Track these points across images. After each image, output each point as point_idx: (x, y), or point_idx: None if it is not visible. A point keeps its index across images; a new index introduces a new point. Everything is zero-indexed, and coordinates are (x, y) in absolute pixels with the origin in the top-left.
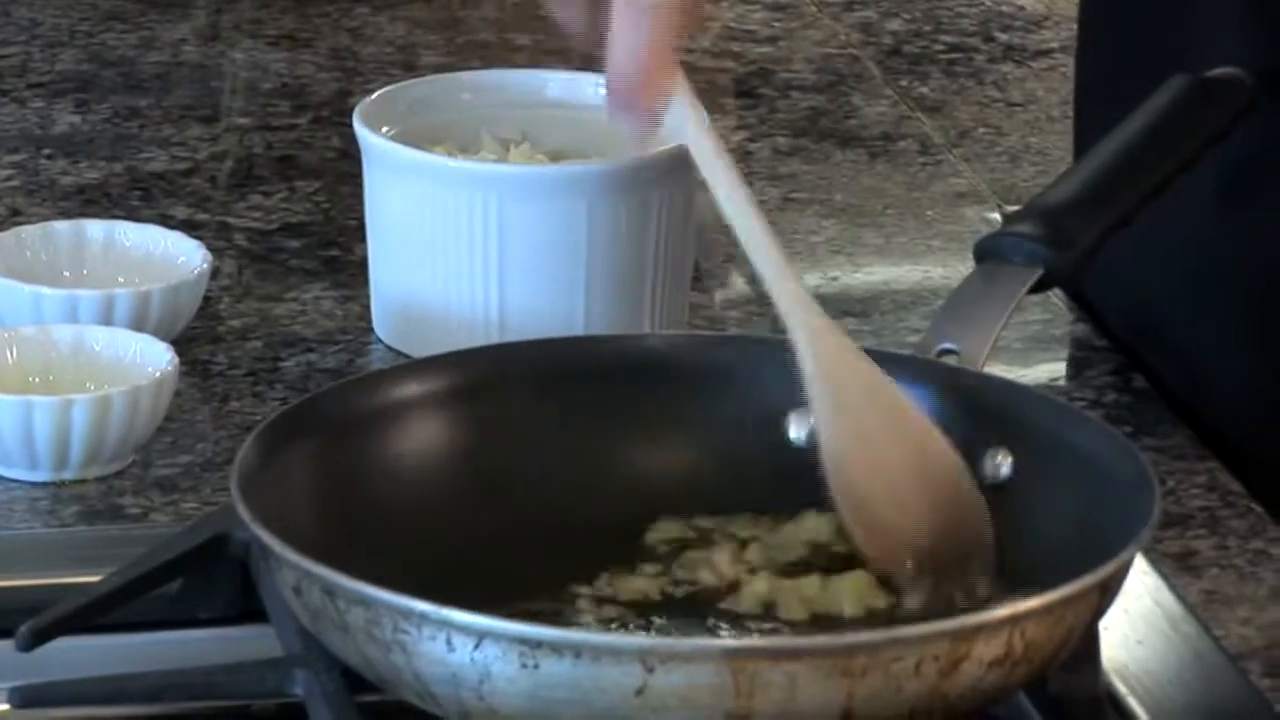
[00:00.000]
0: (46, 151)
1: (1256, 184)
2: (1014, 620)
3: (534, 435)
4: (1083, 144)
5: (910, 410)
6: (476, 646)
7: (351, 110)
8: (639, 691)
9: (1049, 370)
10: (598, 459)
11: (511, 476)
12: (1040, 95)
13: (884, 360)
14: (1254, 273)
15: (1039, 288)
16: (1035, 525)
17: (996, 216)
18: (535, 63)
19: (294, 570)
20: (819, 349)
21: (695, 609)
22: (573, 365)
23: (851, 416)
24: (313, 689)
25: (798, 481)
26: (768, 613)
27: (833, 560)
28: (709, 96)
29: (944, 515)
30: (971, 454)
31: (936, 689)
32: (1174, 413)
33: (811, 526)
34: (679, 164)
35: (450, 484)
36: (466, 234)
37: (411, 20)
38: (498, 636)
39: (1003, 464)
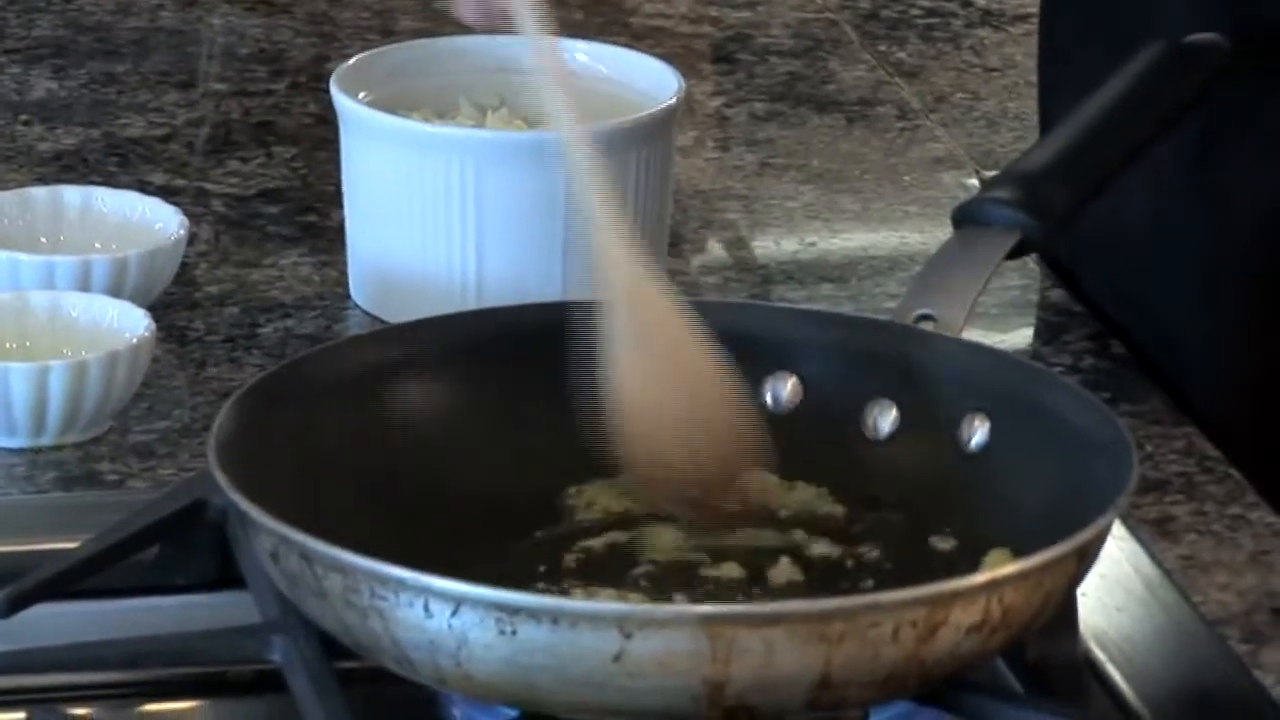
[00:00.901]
0: (23, 117)
1: (1232, 147)
2: (992, 586)
3: (513, 400)
4: (1046, 107)
5: (693, 341)
6: (454, 613)
7: (329, 76)
8: (616, 657)
9: (1026, 336)
10: (573, 422)
11: (492, 442)
12: (1018, 60)
13: (860, 326)
14: (1228, 237)
15: (1016, 253)
16: (1012, 491)
17: (974, 182)
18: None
19: (271, 536)
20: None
21: (679, 575)
22: (551, 330)
23: (633, 348)
24: (290, 655)
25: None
26: (755, 578)
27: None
28: (686, 62)
29: (721, 446)
30: (949, 420)
31: (914, 655)
32: (1151, 378)
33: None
34: (656, 129)
35: (429, 450)
36: (444, 199)
37: None
38: (475, 603)
39: (980, 430)
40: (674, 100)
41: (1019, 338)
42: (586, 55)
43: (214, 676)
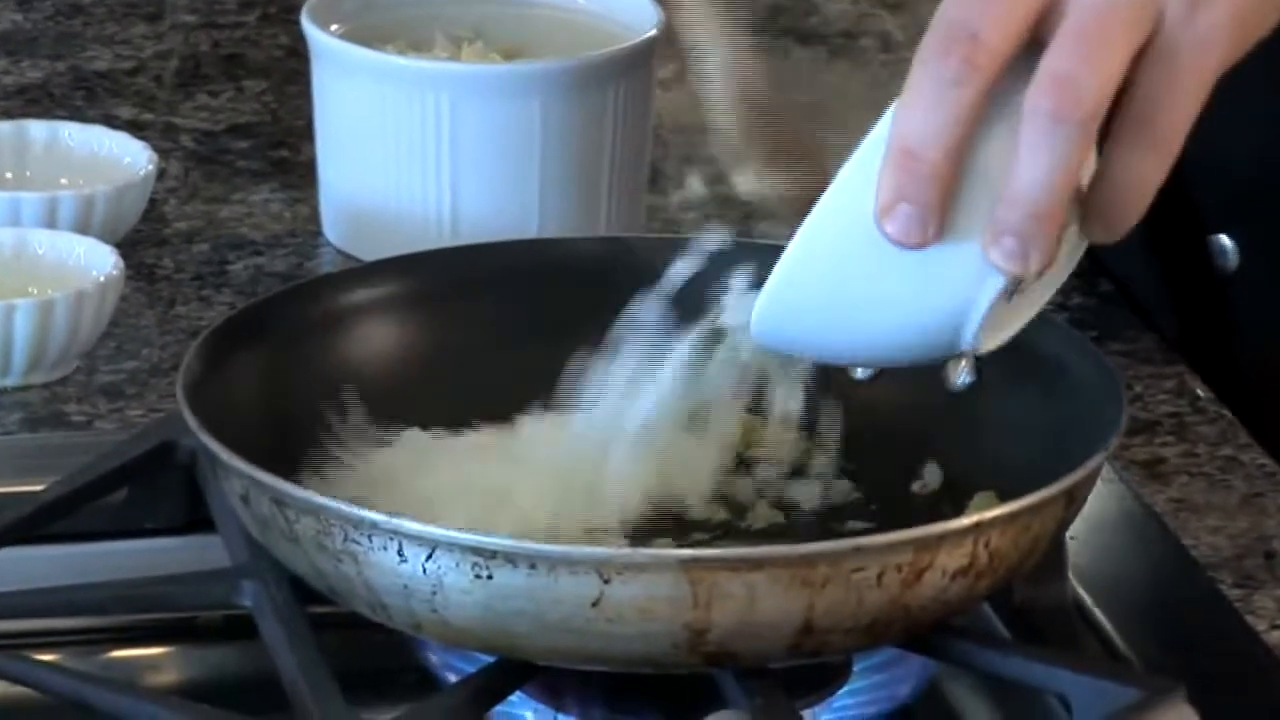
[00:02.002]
0: None
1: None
2: (978, 529)
3: (489, 340)
4: None
5: None
6: (429, 557)
7: (300, 7)
8: (595, 603)
9: None
10: (554, 363)
11: (466, 383)
12: None
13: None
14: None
15: None
16: (999, 432)
17: None
18: None
19: (242, 479)
20: None
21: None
22: (527, 268)
23: None
24: (261, 600)
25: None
26: (736, 521)
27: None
28: None
29: None
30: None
31: (898, 600)
32: (1141, 317)
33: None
34: (635, 62)
35: (402, 390)
36: (418, 134)
37: None
38: (450, 546)
39: (964, 369)
40: (654, 32)
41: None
42: None
43: (183, 622)
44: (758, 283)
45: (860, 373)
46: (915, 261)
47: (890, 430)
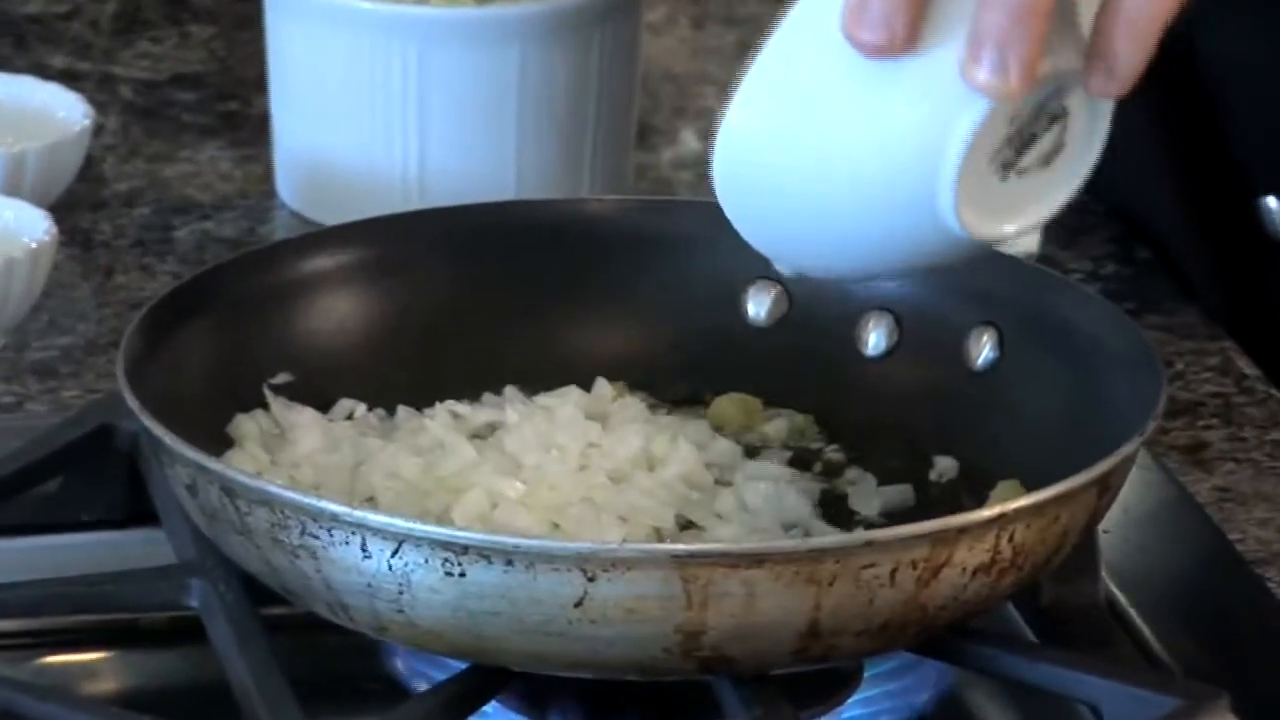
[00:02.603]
0: None
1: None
2: (1001, 522)
3: (459, 313)
4: None
5: None
6: (395, 552)
7: None
8: (578, 603)
9: (1039, 237)
10: (531, 338)
11: (434, 359)
12: None
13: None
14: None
15: None
16: (1024, 414)
17: None
18: None
19: (188, 466)
20: None
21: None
22: (502, 234)
23: None
24: (209, 600)
25: (754, 364)
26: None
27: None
28: None
29: None
30: (952, 334)
31: (914, 599)
32: (1181, 287)
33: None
34: (621, 4)
35: (366, 367)
36: (383, 86)
37: None
38: (419, 540)
39: (986, 345)
40: None
41: (1030, 240)
42: None
43: (124, 624)
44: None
45: (870, 347)
46: (884, 84)
47: (903, 414)
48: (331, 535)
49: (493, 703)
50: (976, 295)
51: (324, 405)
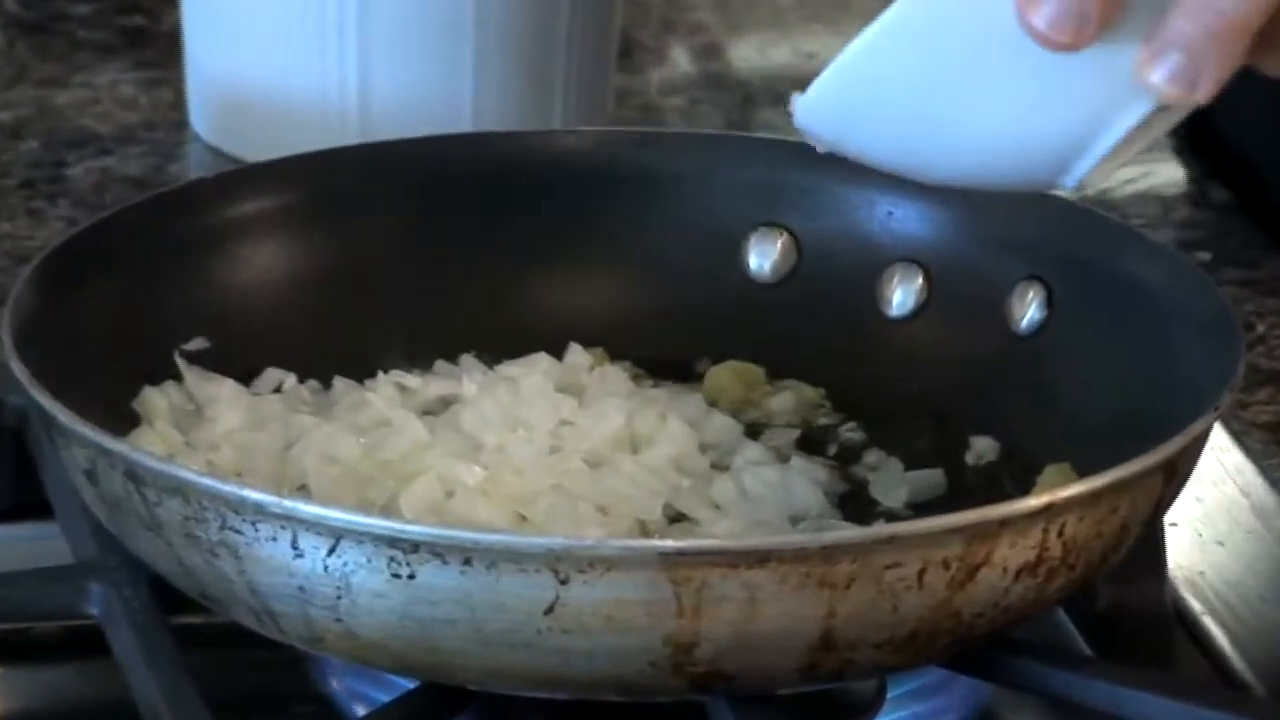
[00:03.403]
0: None
1: None
2: (1050, 513)
3: (407, 266)
4: None
5: None
6: (331, 550)
7: None
8: (549, 609)
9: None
10: (493, 296)
11: (378, 320)
12: None
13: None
14: None
15: None
16: (1078, 386)
17: None
18: None
19: (86, 448)
20: None
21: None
22: (458, 172)
23: None
24: (112, 607)
25: (757, 327)
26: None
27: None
28: None
29: None
30: (993, 291)
31: (946, 604)
32: (1267, 234)
33: (801, 394)
34: None
35: (296, 331)
36: None
37: None
38: (360, 536)
39: (1033, 304)
40: None
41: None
42: None
43: (13, 635)
44: (761, 188)
45: (895, 306)
46: (1044, 65)
47: (933, 385)
48: (256, 530)
49: None
50: (1021, 244)
51: (247, 376)
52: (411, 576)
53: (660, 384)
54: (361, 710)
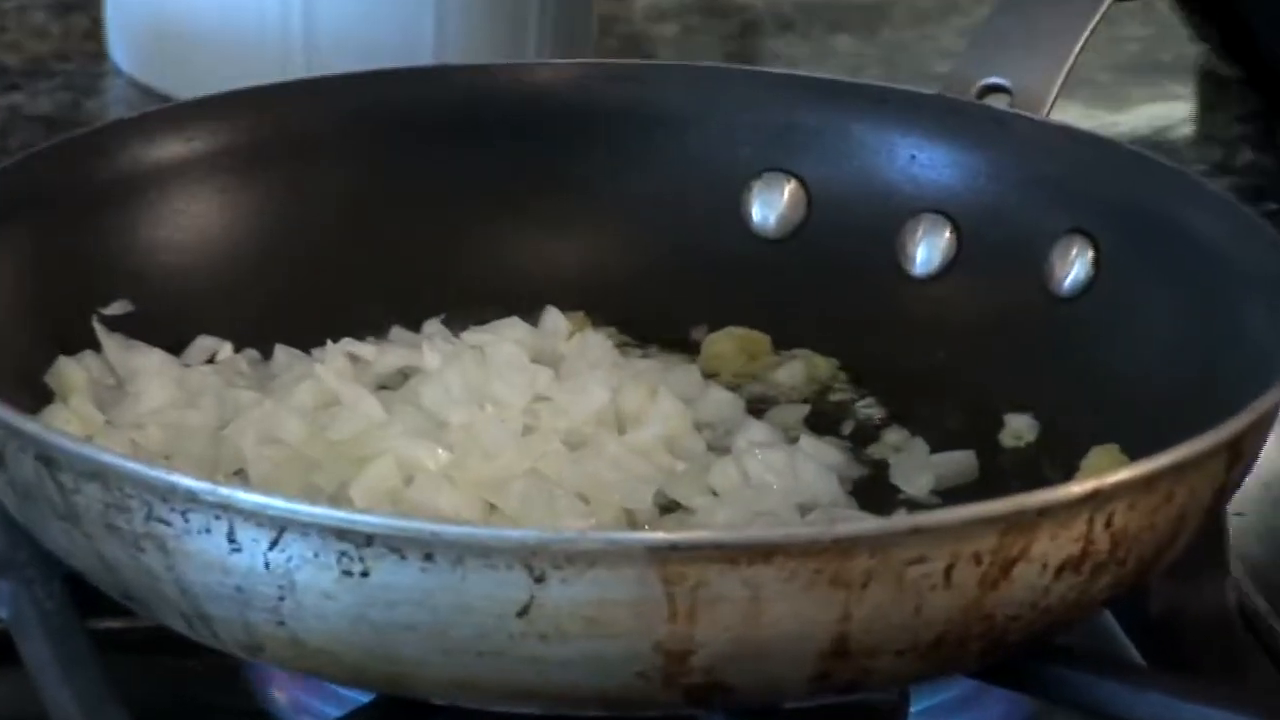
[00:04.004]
0: None
1: None
2: (1096, 500)
3: (360, 219)
4: None
5: None
6: (274, 544)
7: None
8: (523, 610)
9: (1151, 116)
10: (458, 253)
11: (326, 281)
12: None
13: (893, 100)
14: None
15: None
16: (1128, 355)
17: None
18: None
19: None
20: None
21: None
22: (418, 111)
23: None
24: (22, 608)
25: (761, 288)
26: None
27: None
28: None
29: None
30: (1031, 246)
31: (978, 606)
32: None
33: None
34: None
35: (233, 293)
36: None
37: None
38: (305, 527)
39: (1077, 262)
40: None
41: (1140, 118)
42: None
43: None
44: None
45: (919, 264)
46: None
47: (963, 355)
48: (187, 520)
49: None
50: (1064, 194)
51: (176, 345)
52: (365, 574)
53: (650, 354)
54: None
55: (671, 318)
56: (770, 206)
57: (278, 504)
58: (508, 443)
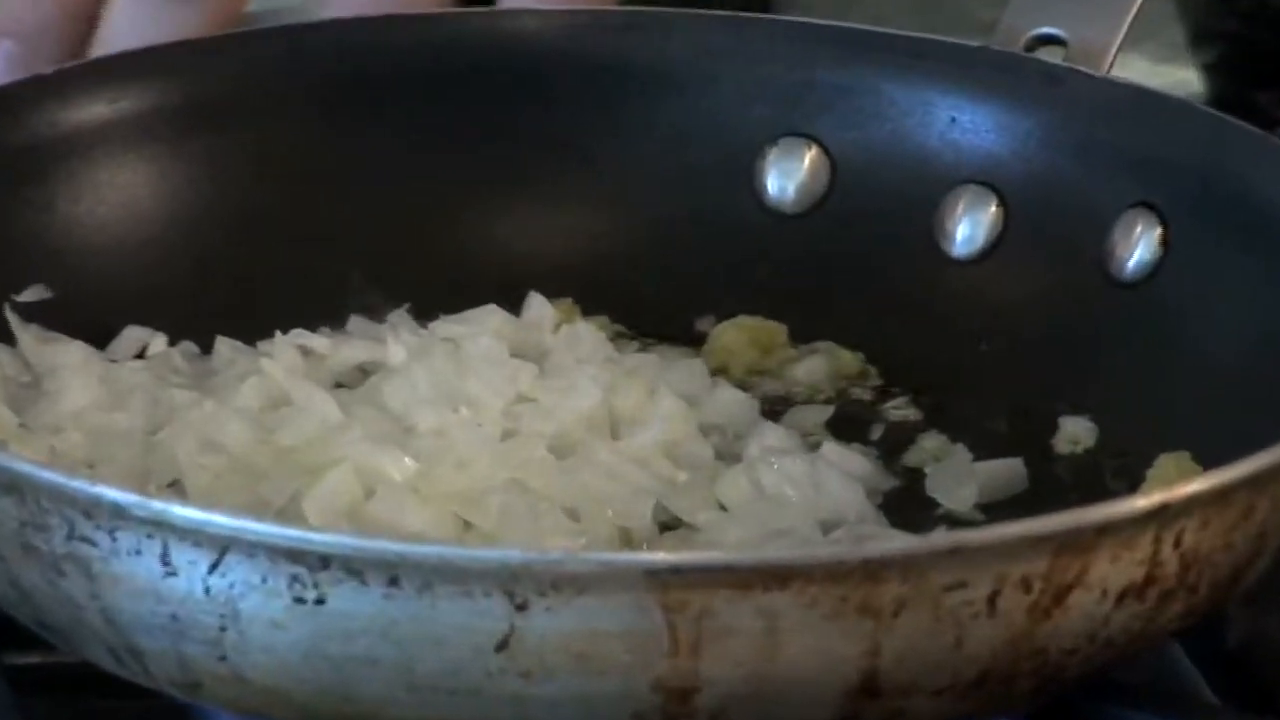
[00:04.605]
0: None
1: None
2: (1164, 516)
3: (313, 191)
4: None
5: None
6: (215, 566)
7: None
8: (502, 644)
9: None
10: (428, 231)
11: (274, 264)
12: None
13: (936, 56)
14: None
15: None
16: (1199, 349)
17: None
18: None
19: None
20: None
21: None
22: (382, 66)
23: None
24: None
25: (776, 272)
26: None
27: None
28: None
29: None
30: (1088, 222)
31: (1027, 638)
32: None
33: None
34: None
35: (166, 277)
36: None
37: None
38: (251, 547)
39: (1141, 240)
40: None
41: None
42: None
43: None
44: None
45: (960, 243)
46: None
47: (1010, 348)
48: (115, 540)
49: None
50: (1128, 161)
51: (101, 337)
52: (320, 602)
53: (649, 346)
54: None
55: (673, 305)
56: (788, 176)
57: (219, 520)
58: (484, 450)
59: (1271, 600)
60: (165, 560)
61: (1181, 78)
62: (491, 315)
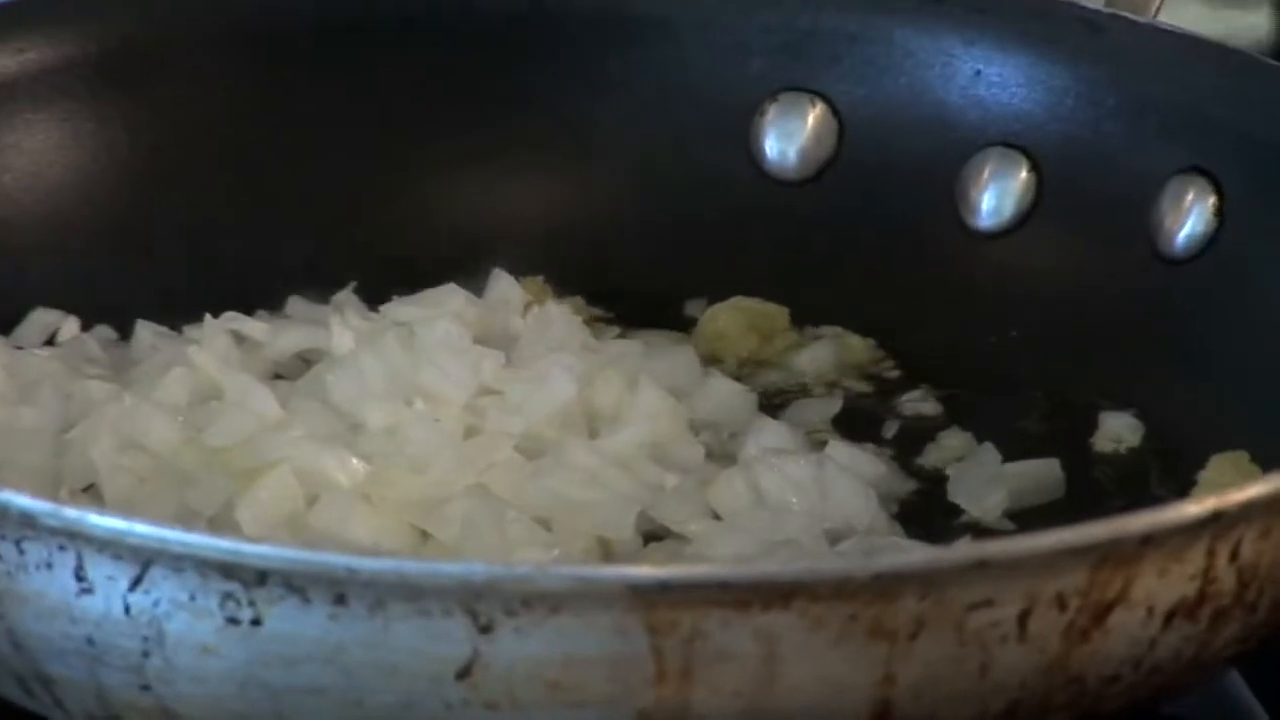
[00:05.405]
0: None
1: None
2: (1218, 525)
3: (249, 152)
4: None
5: None
6: (137, 582)
7: None
8: (464, 671)
9: None
10: (378, 200)
11: (204, 234)
12: None
13: (978, 8)
14: None
15: None
16: (1259, 332)
17: None
18: None
19: None
20: None
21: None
22: (324, 11)
23: None
24: None
25: (777, 248)
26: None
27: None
28: None
29: None
30: (1132, 189)
31: (1062, 663)
32: None
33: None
34: None
35: (81, 253)
36: None
37: None
38: (178, 560)
39: (1193, 211)
40: None
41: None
42: None
43: None
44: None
45: (985, 215)
46: None
47: (1043, 334)
48: (21, 552)
49: None
50: (1178, 122)
51: (4, 321)
52: (256, 623)
53: (631, 332)
54: None
55: (659, 285)
56: (789, 138)
57: (141, 530)
58: (443, 450)
59: None
60: (80, 575)
61: (1249, 22)
62: (451, 296)
